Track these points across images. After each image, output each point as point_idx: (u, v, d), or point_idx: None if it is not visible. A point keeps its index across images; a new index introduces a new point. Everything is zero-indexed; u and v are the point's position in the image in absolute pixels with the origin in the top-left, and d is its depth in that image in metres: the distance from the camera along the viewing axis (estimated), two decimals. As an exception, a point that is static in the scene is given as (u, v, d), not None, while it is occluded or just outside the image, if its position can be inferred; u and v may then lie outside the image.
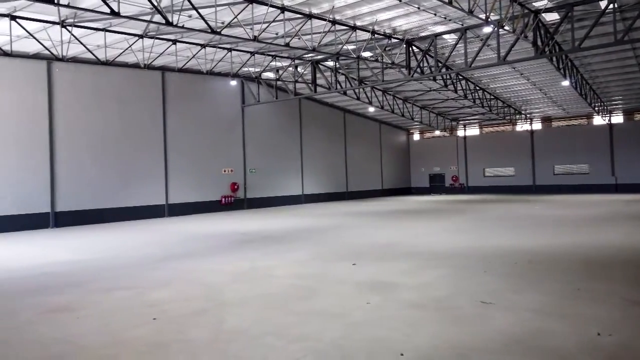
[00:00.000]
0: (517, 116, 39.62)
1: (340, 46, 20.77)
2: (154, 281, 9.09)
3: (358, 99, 30.32)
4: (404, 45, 22.09)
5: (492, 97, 33.43)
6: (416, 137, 47.35)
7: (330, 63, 26.16)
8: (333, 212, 25.10)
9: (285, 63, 26.06)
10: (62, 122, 21.00)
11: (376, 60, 22.70)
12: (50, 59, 20.05)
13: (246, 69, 26.16)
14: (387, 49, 22.43)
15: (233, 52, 22.93)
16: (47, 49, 18.12)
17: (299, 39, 19.24)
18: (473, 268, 9.55)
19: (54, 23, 16.48)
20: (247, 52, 23.22)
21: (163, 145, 24.83)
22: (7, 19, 15.73)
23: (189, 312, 6.88)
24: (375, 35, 20.30)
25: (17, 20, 15.83)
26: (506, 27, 18.23)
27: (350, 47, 21.64)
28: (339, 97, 33.71)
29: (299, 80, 27.27)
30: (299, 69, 26.78)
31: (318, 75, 26.81)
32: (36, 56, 19.81)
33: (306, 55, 25.02)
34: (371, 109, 34.79)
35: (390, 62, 22.83)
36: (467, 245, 12.46)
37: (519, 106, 37.04)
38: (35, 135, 20.19)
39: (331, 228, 17.56)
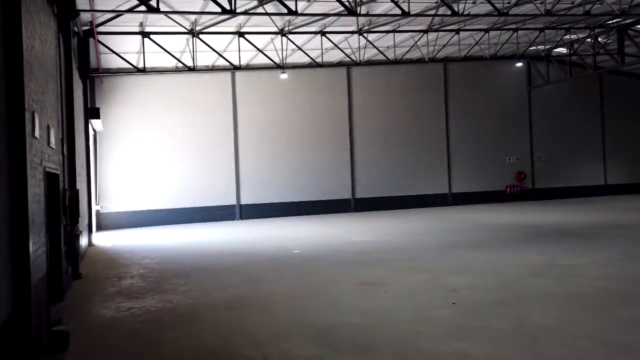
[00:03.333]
0: None
1: (660, 2, 16.87)
2: (448, 266, 9.41)
3: (686, 64, 24.07)
4: None
5: None
6: None
7: (645, 25, 21.55)
8: (648, 206, 20.75)
9: (582, 34, 22.80)
10: (358, 120, 23.84)
11: None
12: (350, 65, 22.94)
13: (533, 47, 24.10)
14: None
15: (519, 32, 21.45)
16: (347, 56, 20.82)
17: (601, 3, 16.53)
18: None
19: (352, 32, 18.78)
20: (536, 29, 21.32)
21: (445, 135, 25.32)
22: (318, 35, 18.75)
23: (487, 302, 6.85)
24: None
25: (326, 35, 18.70)
26: None
27: (676, 0, 17.31)
28: (655, 66, 27.47)
29: (600, 52, 23.48)
30: (599, 39, 23.05)
31: (626, 42, 22.44)
32: (339, 64, 22.99)
33: (610, 22, 21.30)
34: None
35: None
36: None
37: None
38: (338, 133, 23.51)
39: (649, 225, 14.58)
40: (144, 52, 17.19)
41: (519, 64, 25.91)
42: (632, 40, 21.72)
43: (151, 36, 16.41)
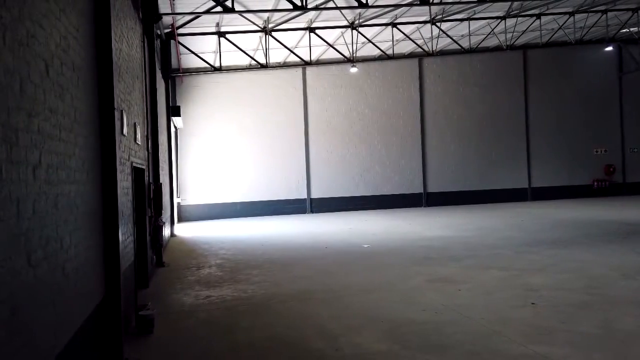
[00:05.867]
0: None
1: None
2: (527, 265, 8.95)
3: None
4: None
5: None
6: None
7: None
8: None
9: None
10: (430, 112, 23.25)
11: None
12: (421, 56, 22.39)
13: (625, 30, 22.13)
14: None
15: (609, 14, 19.81)
16: (419, 46, 20.36)
17: None
18: None
19: (424, 22, 18.30)
20: (628, 9, 19.59)
21: (524, 126, 24.01)
22: (389, 27, 18.46)
23: (571, 303, 6.43)
24: None
25: (397, 26, 18.37)
26: None
27: None
28: None
29: None
30: None
31: None
32: (410, 55, 22.53)
33: None
34: None
35: None
36: None
37: None
38: (409, 126, 23.06)
39: None
40: (220, 52, 17.90)
41: (609, 49, 23.96)
42: None
43: (227, 36, 17.03)
